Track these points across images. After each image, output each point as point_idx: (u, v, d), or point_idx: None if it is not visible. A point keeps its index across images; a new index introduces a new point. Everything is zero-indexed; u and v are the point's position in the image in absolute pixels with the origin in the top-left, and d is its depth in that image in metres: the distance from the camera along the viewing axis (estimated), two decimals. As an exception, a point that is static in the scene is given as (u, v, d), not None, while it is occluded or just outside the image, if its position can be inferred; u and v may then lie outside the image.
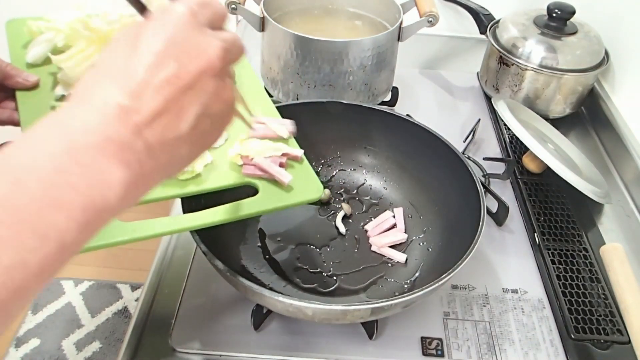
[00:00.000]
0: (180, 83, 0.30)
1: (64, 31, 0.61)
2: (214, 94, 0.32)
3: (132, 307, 1.53)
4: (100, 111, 0.29)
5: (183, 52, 0.31)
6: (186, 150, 0.32)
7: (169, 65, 0.30)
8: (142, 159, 0.30)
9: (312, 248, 0.64)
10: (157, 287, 0.61)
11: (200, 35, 0.32)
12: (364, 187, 0.72)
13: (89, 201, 0.27)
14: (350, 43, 0.77)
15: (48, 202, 0.26)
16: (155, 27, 0.31)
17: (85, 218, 0.27)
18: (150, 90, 0.30)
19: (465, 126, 0.89)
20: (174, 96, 0.30)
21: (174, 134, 0.31)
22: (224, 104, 0.33)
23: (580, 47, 0.87)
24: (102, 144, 0.28)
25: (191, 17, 0.32)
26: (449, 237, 0.62)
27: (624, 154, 0.83)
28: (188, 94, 0.31)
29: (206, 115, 0.32)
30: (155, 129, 0.30)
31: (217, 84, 0.32)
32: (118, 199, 0.28)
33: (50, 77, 0.60)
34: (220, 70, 0.32)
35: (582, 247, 0.69)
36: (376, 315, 0.51)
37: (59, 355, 1.40)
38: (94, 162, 0.27)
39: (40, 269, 0.26)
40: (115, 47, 0.32)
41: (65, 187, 0.26)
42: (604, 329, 0.59)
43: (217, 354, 0.54)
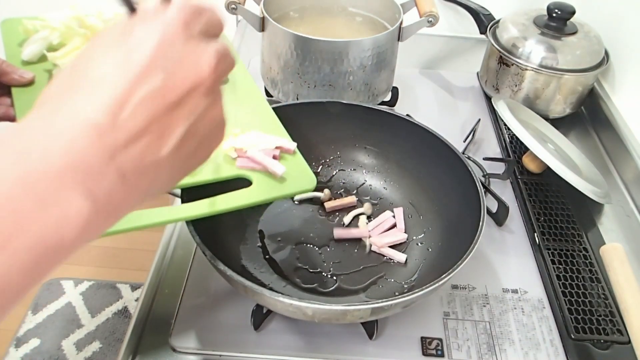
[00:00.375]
0: (166, 100, 0.26)
1: (59, 29, 0.61)
2: (202, 113, 0.28)
3: (132, 307, 1.53)
4: (67, 130, 0.24)
5: (172, 65, 0.26)
6: (166, 175, 0.28)
7: (154, 79, 0.26)
8: (111, 188, 0.25)
9: (312, 248, 0.64)
10: (157, 287, 0.61)
11: (192, 47, 0.28)
12: (364, 187, 0.72)
13: (38, 240, 0.23)
14: (350, 43, 0.77)
15: None
16: (142, 32, 0.27)
17: (31, 260, 0.23)
18: (130, 106, 0.25)
19: (465, 126, 0.89)
20: (156, 115, 0.26)
21: (154, 158, 0.26)
22: (213, 124, 0.29)
23: (580, 47, 0.87)
24: (62, 172, 0.24)
25: (184, 25, 0.28)
26: (449, 237, 0.62)
27: (624, 154, 0.83)
28: (173, 113, 0.27)
29: (192, 136, 0.28)
30: (132, 153, 0.25)
31: (207, 102, 0.28)
32: (75, 236, 0.24)
33: (46, 74, 0.61)
34: (211, 87, 0.28)
35: (582, 247, 0.69)
36: (376, 315, 0.51)
37: (59, 355, 1.40)
38: (49, 194, 0.23)
39: None
40: (93, 50, 0.27)
41: (10, 223, 0.22)
42: (604, 329, 0.59)
43: (217, 354, 0.54)
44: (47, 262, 0.24)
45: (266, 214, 0.67)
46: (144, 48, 0.26)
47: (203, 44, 0.28)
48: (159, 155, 0.27)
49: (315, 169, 0.73)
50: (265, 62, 0.85)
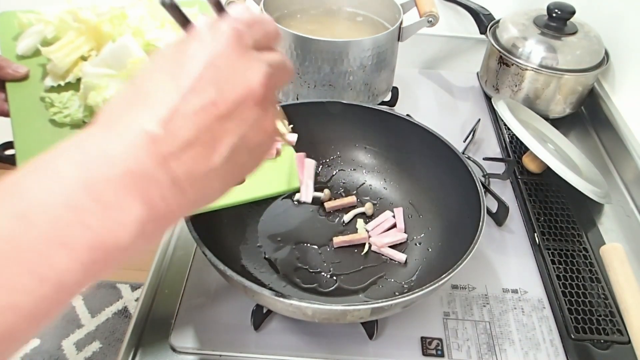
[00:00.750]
0: (217, 112, 0.27)
1: (54, 23, 0.61)
2: (253, 124, 0.29)
3: (132, 307, 1.53)
4: (123, 139, 0.26)
5: (223, 77, 0.28)
6: (218, 184, 0.29)
7: (206, 92, 0.27)
8: (166, 194, 0.26)
9: (312, 248, 0.64)
10: (157, 287, 0.61)
11: (244, 59, 0.28)
12: (364, 187, 0.72)
13: (98, 241, 0.24)
14: (350, 43, 0.77)
15: (52, 239, 0.23)
16: (195, 47, 0.28)
17: (91, 258, 0.24)
18: (182, 117, 0.26)
19: (465, 126, 0.89)
20: (208, 125, 0.27)
21: (206, 167, 0.28)
22: (264, 135, 0.30)
23: (580, 47, 0.87)
24: (121, 177, 0.25)
25: (237, 38, 0.28)
26: (449, 237, 0.62)
27: (624, 154, 0.83)
28: (224, 124, 0.28)
29: (243, 147, 0.29)
30: (185, 161, 0.27)
31: (258, 114, 0.29)
32: (131, 238, 0.25)
33: (40, 68, 0.61)
34: (263, 98, 0.29)
35: (582, 247, 0.69)
36: (376, 315, 0.51)
37: (59, 355, 1.40)
38: (109, 197, 0.25)
39: (33, 312, 0.23)
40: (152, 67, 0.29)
41: (73, 223, 0.24)
42: (604, 329, 0.59)
43: (217, 353, 0.54)
44: (103, 262, 0.25)
45: (266, 214, 0.67)
46: (196, 62, 0.27)
47: (255, 56, 0.29)
48: (211, 163, 0.28)
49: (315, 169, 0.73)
50: (265, 62, 0.85)
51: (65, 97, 0.57)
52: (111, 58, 0.56)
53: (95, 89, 0.54)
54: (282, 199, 0.69)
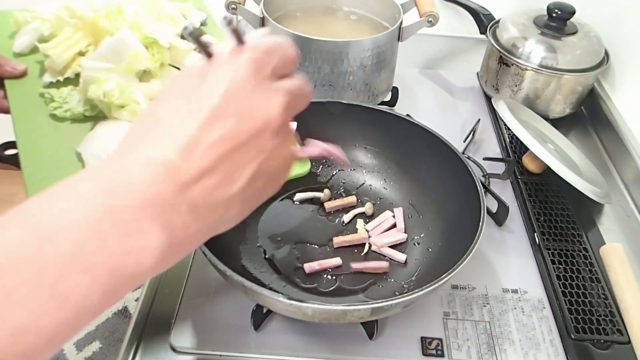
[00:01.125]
0: (235, 142, 0.28)
1: (50, 20, 0.62)
2: (271, 152, 0.30)
3: (132, 307, 1.53)
4: (145, 168, 0.26)
5: (241, 109, 0.28)
6: (236, 209, 0.30)
7: (225, 123, 0.28)
8: (186, 221, 0.27)
9: (312, 248, 0.64)
10: (157, 287, 0.61)
11: (263, 89, 0.29)
12: (364, 187, 0.72)
13: (120, 266, 0.25)
14: (350, 43, 0.77)
15: (74, 263, 0.23)
16: (215, 77, 0.28)
17: (111, 283, 0.25)
18: (201, 148, 0.27)
19: (465, 126, 0.89)
20: (226, 155, 0.28)
21: (225, 194, 0.28)
22: (281, 161, 0.31)
23: (580, 47, 0.87)
24: (143, 204, 0.25)
25: (255, 68, 0.29)
26: (449, 237, 0.62)
27: (624, 154, 0.83)
28: (243, 153, 0.28)
29: (261, 174, 0.30)
30: (203, 188, 0.27)
31: (276, 142, 0.30)
32: (153, 264, 0.26)
33: (38, 65, 0.61)
34: (280, 126, 0.30)
35: (582, 247, 0.69)
36: (376, 315, 0.51)
37: (59, 356, 1.40)
38: (132, 224, 0.25)
39: (52, 335, 0.23)
40: (170, 95, 0.29)
41: (96, 248, 0.24)
42: (604, 329, 0.59)
43: (217, 353, 0.54)
44: (123, 287, 0.25)
45: (266, 214, 0.67)
46: (215, 94, 0.28)
47: (274, 86, 0.30)
48: (229, 191, 0.29)
49: (315, 169, 0.73)
50: (265, 62, 0.85)
51: (64, 92, 0.58)
52: (110, 52, 0.57)
53: (95, 83, 0.55)
54: (281, 199, 0.69)
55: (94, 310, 0.25)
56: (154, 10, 0.62)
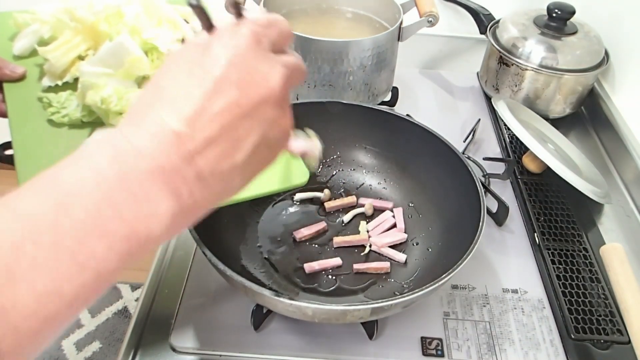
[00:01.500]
0: (239, 111, 0.29)
1: (50, 22, 0.61)
2: (273, 122, 0.31)
3: (132, 307, 1.53)
4: (153, 136, 0.27)
5: (244, 79, 0.29)
6: (239, 178, 0.31)
7: (229, 93, 0.29)
8: (193, 188, 0.28)
9: (312, 248, 0.64)
10: (157, 287, 0.61)
11: (263, 61, 0.30)
12: (364, 187, 0.72)
13: (133, 231, 0.26)
14: (350, 43, 0.77)
15: (91, 229, 0.25)
16: (218, 49, 0.29)
17: (126, 248, 0.26)
18: (206, 117, 0.28)
19: (465, 126, 0.89)
20: (231, 124, 0.29)
21: (229, 163, 0.29)
22: (281, 131, 0.32)
23: (580, 47, 0.87)
24: (153, 172, 0.26)
25: (255, 41, 0.30)
26: (449, 237, 0.62)
27: (624, 154, 0.83)
28: (246, 123, 0.29)
29: (263, 144, 0.31)
30: (209, 157, 0.28)
31: (277, 112, 0.31)
32: (163, 230, 0.27)
33: (37, 68, 0.61)
34: (281, 98, 0.31)
35: (582, 247, 0.69)
36: (376, 315, 0.51)
37: (59, 355, 1.40)
38: (143, 191, 0.26)
39: (74, 298, 0.24)
40: (174, 67, 0.30)
41: (111, 215, 0.25)
42: (604, 329, 0.59)
43: (217, 354, 0.54)
44: (137, 252, 0.27)
45: (266, 214, 0.67)
46: (218, 64, 0.29)
47: (274, 58, 0.31)
48: (234, 160, 0.29)
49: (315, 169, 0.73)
50: (265, 62, 0.85)
51: (63, 97, 0.57)
52: (109, 57, 0.56)
53: (93, 88, 0.54)
54: (281, 199, 0.69)
55: (111, 275, 0.26)
56: (154, 14, 0.62)
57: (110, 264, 0.25)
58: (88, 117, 0.57)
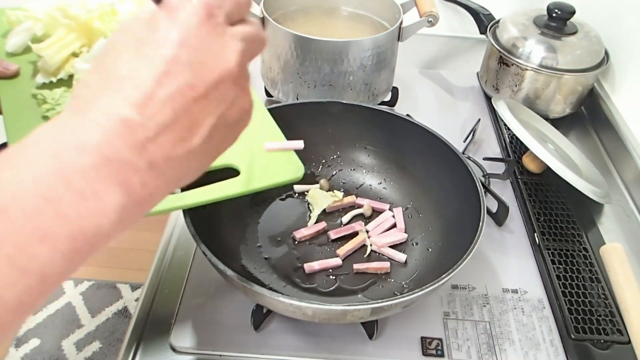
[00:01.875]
0: (194, 93, 0.27)
1: (43, 20, 0.61)
2: (230, 102, 0.29)
3: (132, 307, 1.53)
4: (99, 125, 0.25)
5: (197, 58, 0.27)
6: (197, 162, 0.29)
7: (181, 74, 0.26)
8: (145, 178, 0.26)
9: (312, 248, 0.64)
10: (157, 287, 0.61)
11: (217, 36, 0.28)
12: (364, 187, 0.72)
13: (78, 230, 0.24)
14: (350, 43, 0.77)
15: (30, 232, 0.23)
16: (167, 26, 0.27)
17: (72, 248, 0.24)
18: (158, 102, 0.26)
19: (465, 126, 0.89)
20: (185, 108, 0.27)
21: (185, 148, 0.27)
22: (241, 111, 0.30)
23: (580, 47, 0.87)
24: (97, 165, 0.24)
25: (208, 15, 0.27)
26: (449, 237, 0.62)
27: (624, 154, 0.83)
28: (202, 105, 0.27)
29: (221, 126, 0.29)
30: (163, 145, 0.26)
31: (235, 92, 0.29)
32: (112, 225, 0.25)
33: (31, 65, 0.60)
34: (238, 75, 0.28)
35: (582, 247, 0.69)
36: (376, 315, 0.51)
37: (59, 355, 1.40)
38: (86, 186, 0.24)
39: (17, 304, 0.23)
40: (119, 46, 0.28)
41: (52, 215, 0.23)
42: (604, 329, 0.59)
43: (217, 354, 0.54)
44: (86, 250, 0.25)
45: (266, 214, 0.67)
46: (168, 43, 0.27)
47: (229, 32, 0.28)
48: (189, 145, 0.27)
49: (315, 169, 0.73)
50: (265, 62, 0.85)
51: (57, 94, 0.57)
52: None
53: None
54: (281, 199, 0.69)
55: (58, 277, 0.24)
56: None
57: (56, 266, 0.24)
58: None
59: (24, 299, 0.23)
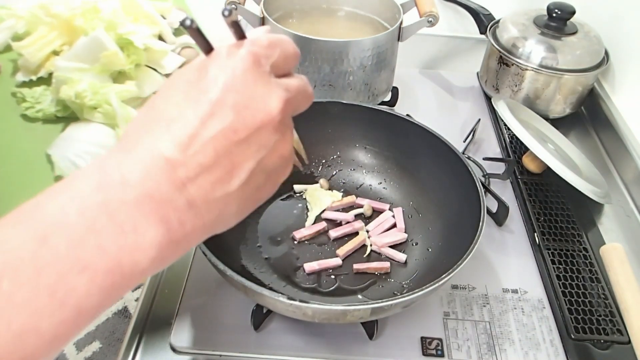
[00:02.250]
0: (235, 137, 0.27)
1: (25, 18, 0.61)
2: (271, 148, 0.29)
3: (132, 307, 1.53)
4: (143, 163, 0.26)
5: (241, 102, 0.28)
6: (235, 207, 0.30)
7: (225, 117, 0.27)
8: (183, 217, 0.27)
9: (312, 248, 0.64)
10: (157, 287, 0.61)
11: (262, 84, 0.29)
12: (364, 187, 0.72)
13: (116, 264, 0.24)
14: (350, 43, 0.77)
15: (72, 263, 0.23)
16: (214, 71, 0.28)
17: (109, 282, 0.24)
18: (200, 142, 0.27)
19: (465, 126, 0.89)
20: (226, 150, 0.27)
21: (223, 191, 0.28)
22: (280, 159, 0.30)
23: (580, 47, 0.87)
24: (139, 200, 0.25)
25: (254, 63, 0.29)
26: (449, 237, 0.62)
27: (624, 154, 0.83)
28: (242, 149, 0.28)
29: (260, 172, 0.29)
30: (202, 185, 0.27)
31: (276, 139, 0.29)
32: (150, 262, 0.26)
33: (11, 63, 0.60)
34: (280, 124, 0.29)
35: (582, 247, 0.69)
36: (376, 315, 0.51)
37: (59, 356, 1.40)
38: (127, 220, 0.25)
39: (53, 336, 0.23)
40: (170, 90, 0.29)
41: (93, 247, 0.24)
42: (604, 329, 0.59)
43: (217, 354, 0.54)
44: (121, 285, 0.25)
45: (266, 214, 0.67)
46: (215, 87, 0.28)
47: (274, 81, 0.29)
48: (228, 188, 0.28)
49: (315, 169, 0.73)
50: (265, 62, 0.85)
51: (37, 92, 0.57)
52: (84, 52, 0.56)
53: (68, 83, 0.54)
54: (282, 199, 0.69)
55: (94, 311, 0.25)
56: (131, 9, 0.62)
57: (92, 300, 0.24)
58: (62, 112, 0.57)
59: (60, 331, 0.23)
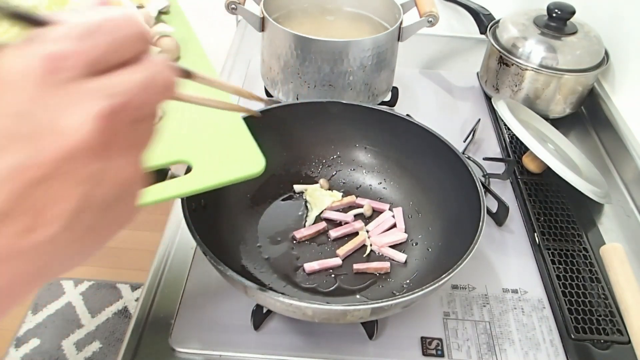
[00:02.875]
0: (34, 174, 0.21)
1: None
2: (96, 180, 0.22)
3: (132, 307, 1.53)
4: None
5: (32, 129, 0.21)
6: (62, 254, 0.24)
7: (12, 152, 0.20)
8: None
9: (312, 248, 0.64)
10: (157, 287, 0.61)
11: (63, 98, 0.21)
12: (364, 187, 0.72)
13: None
14: (350, 43, 0.77)
15: None
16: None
17: None
18: None
19: (465, 126, 0.89)
20: (25, 192, 0.21)
21: (35, 241, 0.22)
22: (117, 187, 0.23)
23: (580, 47, 0.87)
24: None
25: (48, 71, 0.21)
26: (449, 237, 0.62)
27: (624, 154, 0.83)
28: (47, 189, 0.21)
29: (87, 209, 0.23)
30: (5, 235, 0.21)
31: (99, 166, 0.22)
32: None
33: None
34: (101, 145, 0.22)
35: (582, 247, 0.69)
36: (376, 315, 0.51)
37: (59, 355, 1.40)
38: None
39: None
40: None
41: None
42: (604, 329, 0.59)
43: (217, 354, 0.54)
44: None
45: (266, 214, 0.67)
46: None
47: (85, 90, 0.22)
48: (41, 236, 0.22)
49: (315, 169, 0.73)
50: (265, 62, 0.85)
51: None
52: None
53: None
54: (282, 199, 0.69)
55: None
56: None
57: None
58: None
59: None
